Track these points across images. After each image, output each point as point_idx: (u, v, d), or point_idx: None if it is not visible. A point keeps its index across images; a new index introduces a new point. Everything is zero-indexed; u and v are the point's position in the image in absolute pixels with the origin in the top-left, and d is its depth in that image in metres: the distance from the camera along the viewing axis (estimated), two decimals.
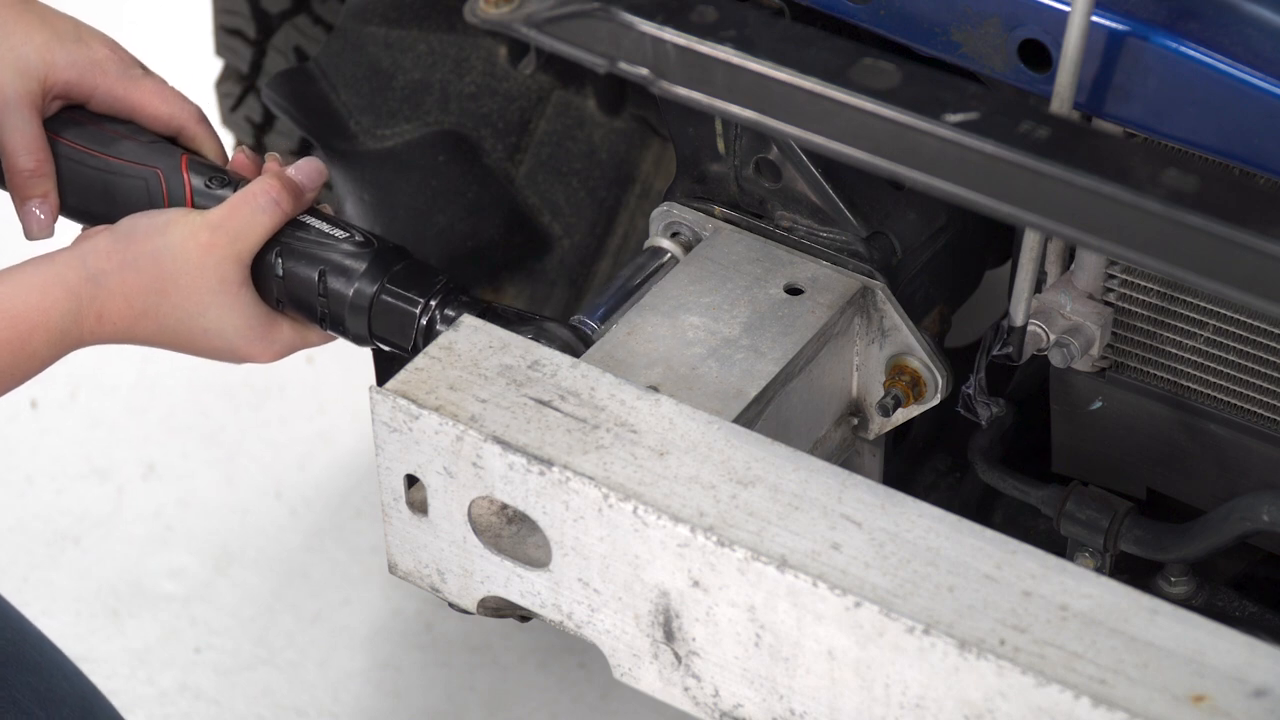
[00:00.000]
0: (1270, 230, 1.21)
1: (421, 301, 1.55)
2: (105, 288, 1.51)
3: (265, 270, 1.56)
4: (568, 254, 2.10)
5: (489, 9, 1.42)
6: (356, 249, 1.56)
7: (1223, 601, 1.70)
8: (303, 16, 2.30)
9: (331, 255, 1.56)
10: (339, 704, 2.39)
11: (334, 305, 1.57)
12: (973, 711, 1.30)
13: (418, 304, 1.55)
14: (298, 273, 1.56)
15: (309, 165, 1.58)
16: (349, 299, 1.56)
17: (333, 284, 1.56)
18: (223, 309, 1.53)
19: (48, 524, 2.59)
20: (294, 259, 1.56)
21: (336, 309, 1.57)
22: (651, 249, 1.69)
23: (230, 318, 1.54)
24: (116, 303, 1.51)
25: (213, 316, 1.53)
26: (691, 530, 1.36)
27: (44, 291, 1.49)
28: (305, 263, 1.56)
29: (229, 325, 1.54)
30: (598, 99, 2.09)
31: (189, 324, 1.54)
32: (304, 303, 1.57)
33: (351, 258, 1.56)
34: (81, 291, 1.50)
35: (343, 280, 1.56)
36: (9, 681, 1.61)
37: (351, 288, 1.56)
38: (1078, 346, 1.59)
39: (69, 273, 1.50)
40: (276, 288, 1.57)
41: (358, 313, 1.56)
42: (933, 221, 1.68)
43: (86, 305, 1.50)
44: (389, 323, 1.55)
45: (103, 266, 1.51)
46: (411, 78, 2.06)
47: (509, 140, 2.08)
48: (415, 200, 2.06)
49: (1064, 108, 1.40)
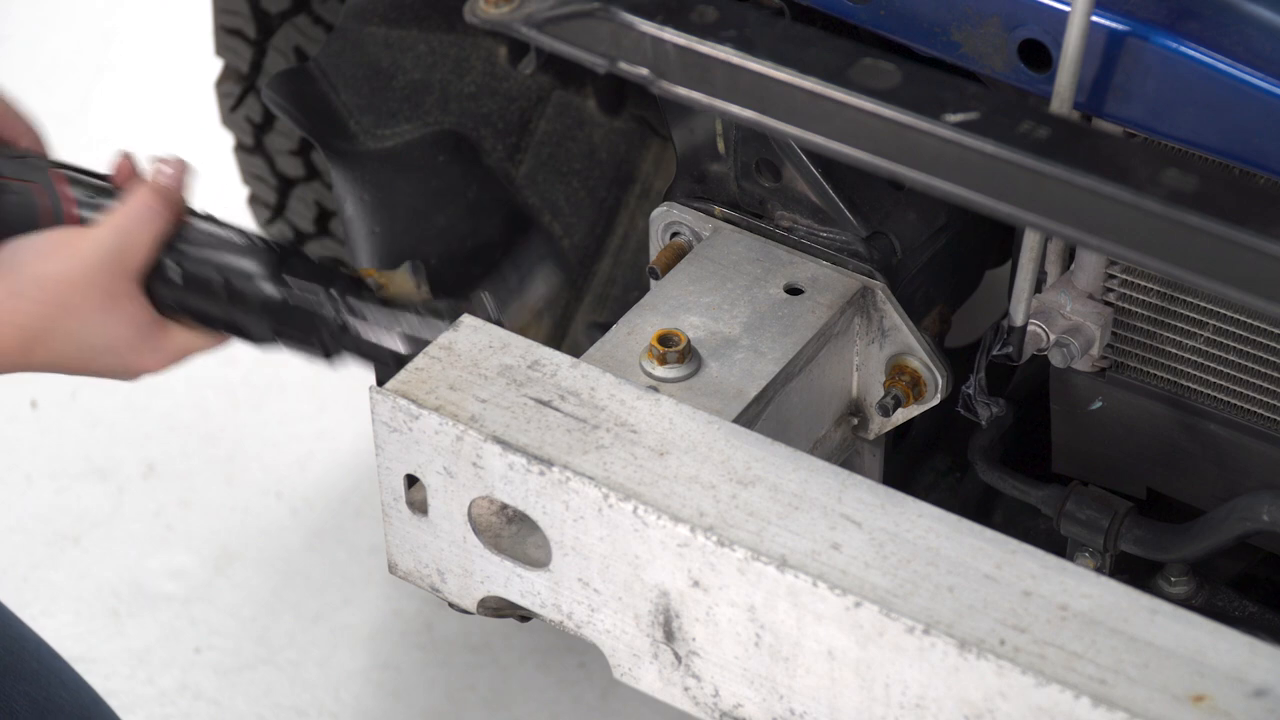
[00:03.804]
0: (1270, 230, 1.21)
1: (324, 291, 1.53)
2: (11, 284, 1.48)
3: (158, 278, 1.53)
4: (568, 254, 2.10)
5: (489, 9, 1.42)
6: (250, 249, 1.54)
7: (1223, 601, 1.70)
8: (303, 16, 2.30)
9: (227, 258, 1.54)
10: (339, 704, 2.39)
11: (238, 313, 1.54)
12: (973, 711, 1.30)
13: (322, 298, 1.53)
14: (197, 277, 1.54)
15: (175, 164, 1.55)
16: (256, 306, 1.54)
17: (234, 288, 1.53)
18: (112, 324, 1.51)
19: (48, 524, 2.59)
20: (191, 264, 1.53)
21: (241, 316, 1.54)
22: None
23: (120, 331, 1.52)
24: (7, 333, 1.48)
25: (104, 334, 1.51)
26: (691, 530, 1.36)
27: None
28: (205, 268, 1.53)
29: (120, 339, 1.52)
30: (598, 99, 2.09)
31: (82, 344, 1.51)
32: (202, 312, 1.55)
33: (247, 258, 1.54)
34: None
35: (246, 284, 1.53)
36: (5, 692, 1.60)
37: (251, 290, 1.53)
38: (1078, 346, 1.59)
39: None
40: (172, 295, 1.54)
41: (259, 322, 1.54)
42: (933, 221, 1.68)
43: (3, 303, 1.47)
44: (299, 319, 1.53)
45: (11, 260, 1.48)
46: (411, 78, 2.06)
47: (509, 140, 2.08)
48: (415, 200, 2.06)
49: (1064, 108, 1.40)
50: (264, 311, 1.54)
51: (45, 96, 3.16)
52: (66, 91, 3.19)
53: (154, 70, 3.26)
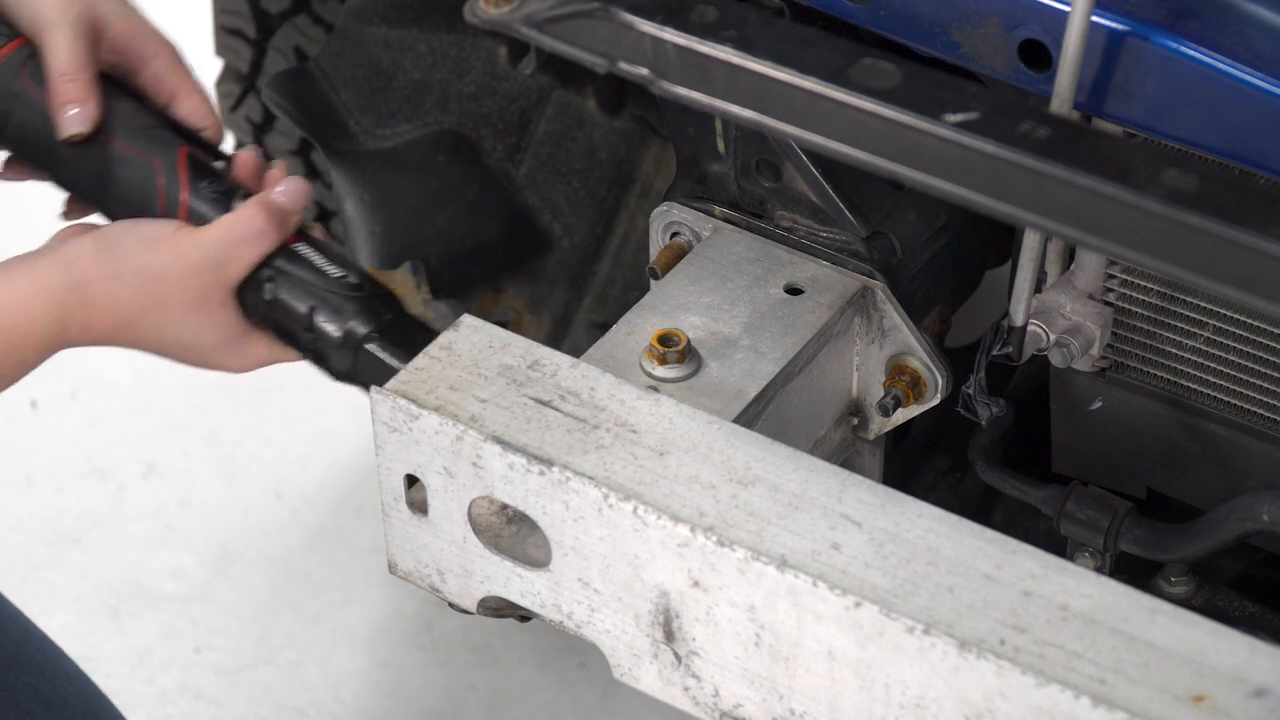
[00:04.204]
0: (1270, 230, 1.21)
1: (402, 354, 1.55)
2: (90, 297, 1.51)
3: (253, 290, 1.56)
4: (568, 254, 2.10)
5: (489, 9, 1.42)
6: (348, 291, 1.56)
7: (1223, 601, 1.70)
8: (303, 16, 2.30)
9: (323, 294, 1.55)
10: (339, 704, 2.40)
11: (320, 342, 1.56)
12: (973, 711, 1.30)
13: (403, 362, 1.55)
14: (287, 304, 1.55)
15: (294, 187, 1.57)
16: (337, 341, 1.55)
17: (321, 323, 1.55)
18: (203, 327, 1.54)
19: (48, 524, 2.59)
20: (286, 289, 1.55)
21: (322, 346, 1.56)
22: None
23: (209, 335, 1.55)
24: (101, 312, 1.51)
25: (192, 333, 1.54)
26: (691, 530, 1.36)
27: (30, 301, 1.49)
28: (296, 295, 1.55)
29: (206, 341, 1.55)
30: (598, 99, 2.09)
31: (169, 337, 1.54)
32: (288, 331, 1.57)
33: (343, 300, 1.55)
34: (67, 300, 1.50)
35: (333, 322, 1.55)
36: (12, 683, 1.61)
37: (341, 331, 1.55)
38: (1078, 346, 1.59)
39: (53, 280, 1.50)
40: (262, 310, 1.56)
41: (342, 356, 1.56)
42: (933, 221, 1.68)
43: (72, 314, 1.50)
44: (373, 374, 1.55)
45: (87, 275, 1.51)
46: (411, 78, 2.06)
47: (509, 140, 2.08)
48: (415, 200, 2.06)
49: (1064, 108, 1.40)
50: (343, 355, 1.56)
51: None
52: None
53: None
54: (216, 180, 1.59)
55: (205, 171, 1.59)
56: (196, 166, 1.59)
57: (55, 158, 1.61)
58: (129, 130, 1.60)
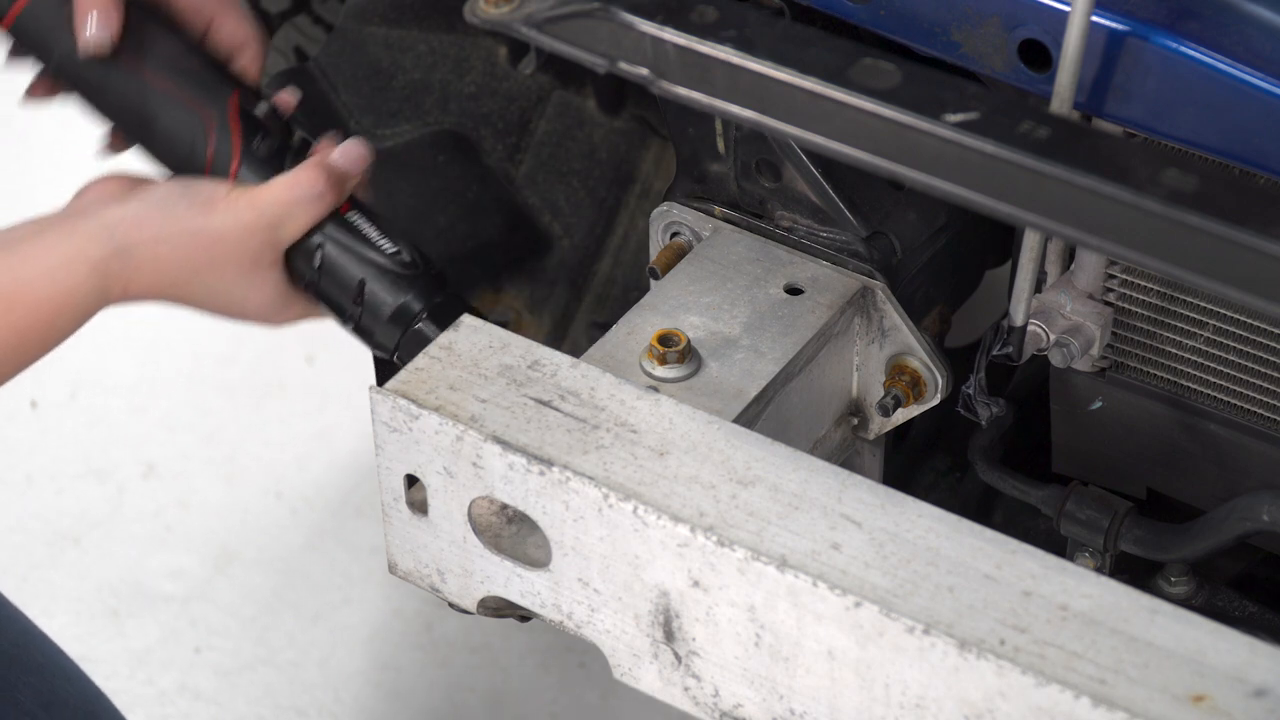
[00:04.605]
0: (1270, 230, 1.21)
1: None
2: (134, 260, 1.48)
3: (303, 254, 1.54)
4: (568, 254, 2.10)
5: (489, 9, 1.42)
6: (401, 268, 1.55)
7: (1223, 601, 1.70)
8: (303, 16, 2.30)
9: (376, 268, 1.55)
10: (339, 704, 2.39)
11: (367, 316, 1.55)
12: (973, 711, 1.30)
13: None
14: (337, 273, 1.54)
15: (353, 150, 1.56)
16: (386, 317, 1.55)
17: (371, 297, 1.55)
18: (250, 287, 1.53)
19: (48, 524, 2.59)
20: (337, 258, 1.54)
21: (368, 321, 1.56)
22: None
23: (254, 295, 1.54)
24: (145, 275, 1.49)
25: (239, 293, 1.53)
26: (691, 530, 1.36)
27: (69, 270, 1.46)
28: (347, 265, 1.54)
29: (251, 301, 1.54)
30: (598, 99, 2.09)
31: (214, 297, 1.53)
32: (333, 299, 1.56)
33: (395, 276, 1.55)
34: (109, 267, 1.47)
35: (383, 298, 1.54)
36: (11, 683, 1.61)
37: (391, 308, 1.54)
38: (1078, 346, 1.59)
39: (94, 248, 1.47)
40: (309, 274, 1.55)
41: (390, 332, 1.55)
42: (933, 221, 1.68)
43: (114, 279, 1.48)
44: (417, 354, 1.54)
45: (133, 239, 1.48)
46: (411, 78, 2.06)
47: (509, 140, 2.08)
48: (415, 200, 2.06)
49: (1064, 108, 1.40)
50: (389, 331, 1.55)
51: None
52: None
53: None
54: (267, 136, 1.56)
55: (255, 125, 1.57)
56: (247, 120, 1.57)
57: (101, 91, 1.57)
58: (177, 73, 1.57)
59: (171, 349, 2.78)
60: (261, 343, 2.77)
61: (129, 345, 2.77)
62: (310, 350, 2.77)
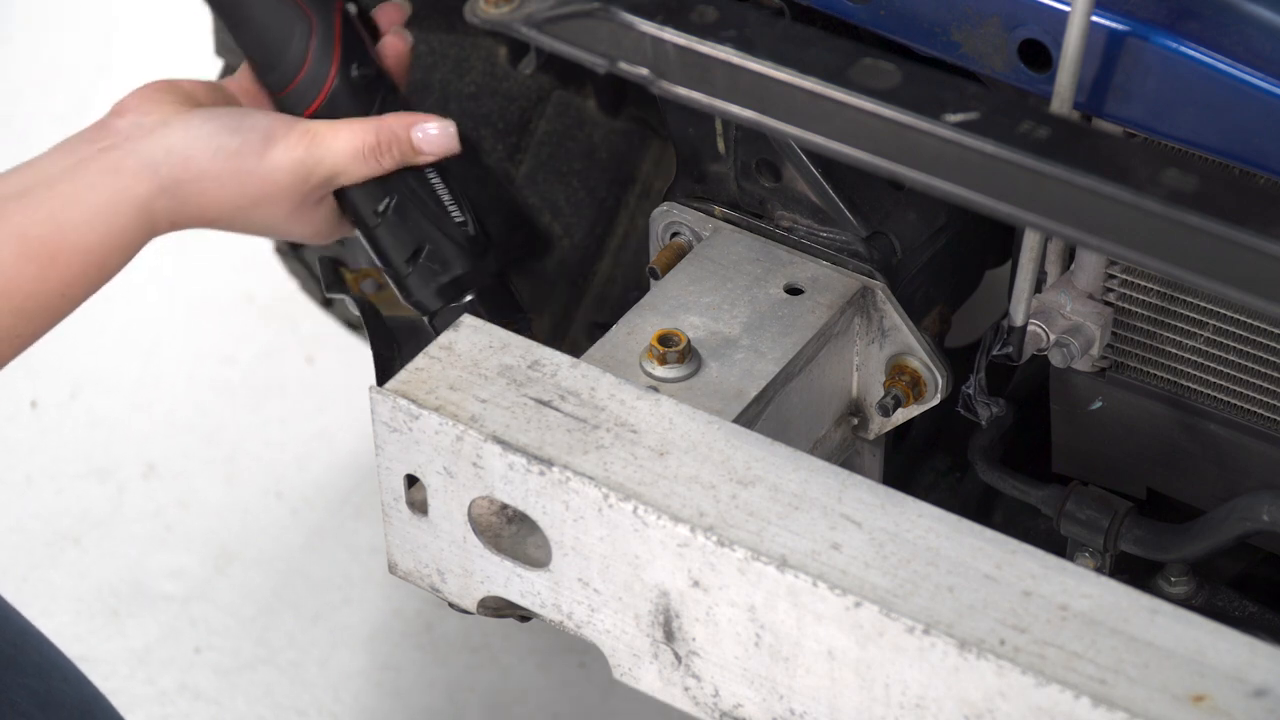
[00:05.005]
0: (1270, 230, 1.21)
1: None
2: (181, 197, 1.46)
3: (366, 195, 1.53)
4: (568, 254, 2.11)
5: (489, 9, 1.42)
6: (465, 241, 1.54)
7: (1223, 601, 1.70)
8: None
9: (440, 235, 1.54)
10: (339, 704, 2.39)
11: (416, 277, 1.55)
12: (973, 711, 1.30)
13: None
14: (399, 228, 1.54)
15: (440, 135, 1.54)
16: (436, 287, 1.55)
17: (427, 260, 1.54)
18: (297, 222, 1.53)
19: (48, 524, 2.59)
20: (403, 214, 1.53)
21: (415, 282, 1.55)
22: None
23: (302, 227, 1.54)
24: (191, 209, 1.48)
25: (285, 226, 1.53)
26: (691, 530, 1.36)
27: (115, 212, 1.43)
28: (412, 224, 1.54)
29: (297, 230, 1.55)
30: (598, 99, 2.09)
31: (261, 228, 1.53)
32: (383, 249, 1.55)
33: (457, 247, 1.54)
34: (155, 206, 1.45)
35: (439, 266, 1.54)
36: (8, 685, 1.60)
37: (445, 278, 1.54)
38: (1078, 346, 1.59)
39: (139, 185, 1.45)
40: (369, 218, 1.54)
41: (434, 299, 1.55)
42: (933, 221, 1.68)
43: (160, 215, 1.46)
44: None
45: (179, 176, 1.46)
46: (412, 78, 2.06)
47: (509, 140, 2.08)
48: None
49: (1064, 108, 1.40)
50: (437, 296, 1.55)
51: (45, 97, 3.16)
52: (66, 91, 3.19)
53: (154, 70, 3.23)
54: (364, 64, 1.53)
55: (356, 47, 1.54)
56: (350, 38, 1.53)
57: None
58: None
59: (171, 349, 2.78)
60: (261, 343, 2.77)
61: (129, 345, 2.77)
62: (310, 350, 2.77)
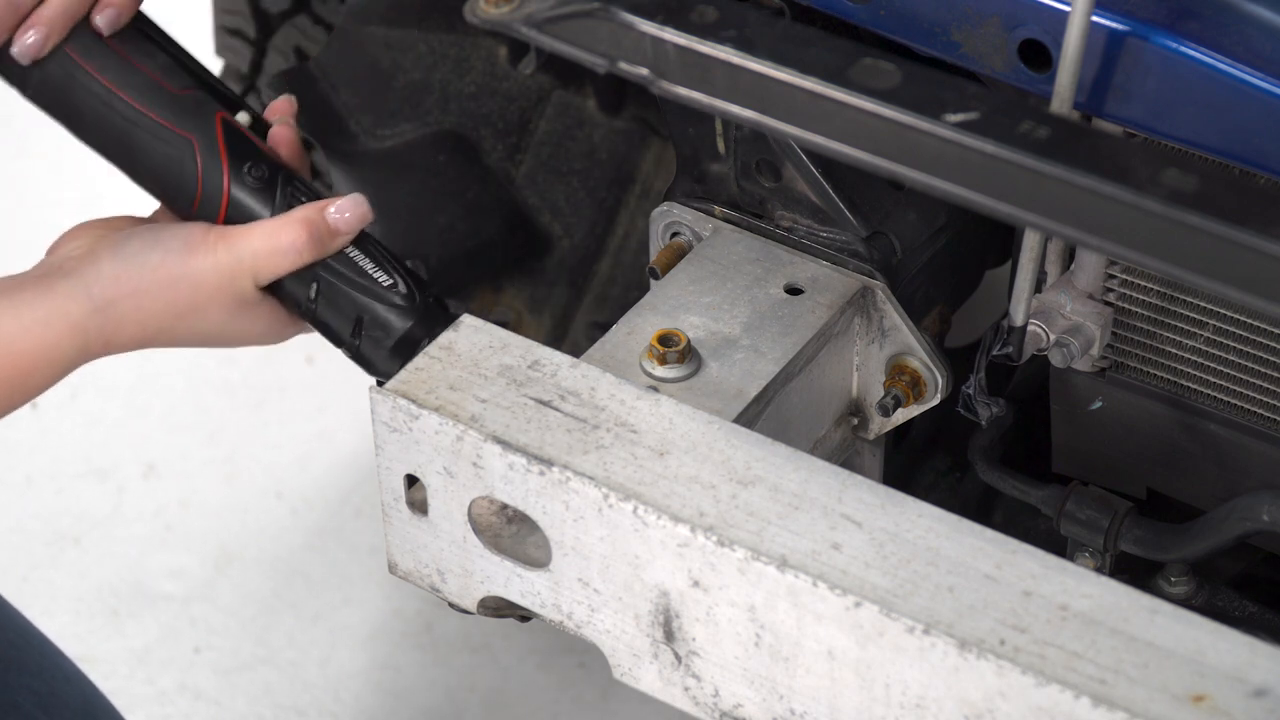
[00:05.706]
0: (1270, 230, 1.21)
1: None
2: (115, 316, 1.48)
3: (299, 284, 1.52)
4: (568, 254, 2.11)
5: (489, 9, 1.42)
6: (400, 300, 1.52)
7: (1223, 601, 1.70)
8: (303, 16, 2.30)
9: (373, 304, 1.52)
10: (339, 704, 2.39)
11: (365, 348, 1.53)
12: (973, 711, 1.30)
13: None
14: (333, 307, 1.52)
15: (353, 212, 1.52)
16: (384, 352, 1.52)
17: (370, 328, 1.52)
18: (240, 322, 1.52)
19: (48, 524, 2.59)
20: (332, 294, 1.52)
21: (367, 352, 1.53)
22: None
23: (247, 327, 1.53)
24: (128, 328, 1.49)
25: (230, 329, 1.53)
26: (691, 530, 1.36)
27: (47, 327, 1.45)
28: (344, 302, 1.52)
29: (245, 333, 1.54)
30: (598, 99, 2.09)
31: (206, 336, 1.53)
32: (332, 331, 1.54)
33: (393, 310, 1.52)
34: (88, 325, 1.47)
35: (382, 329, 1.52)
36: (10, 685, 1.60)
37: (389, 342, 1.52)
38: (1078, 346, 1.59)
39: (72, 306, 1.46)
40: (306, 305, 1.53)
41: (391, 364, 1.52)
42: (933, 221, 1.68)
43: (94, 336, 1.47)
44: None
45: (111, 295, 1.47)
46: (411, 78, 2.06)
47: (509, 140, 2.08)
48: (415, 200, 2.06)
49: (1064, 108, 1.40)
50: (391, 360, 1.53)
51: None
52: None
53: None
54: (257, 162, 1.53)
55: (244, 150, 1.53)
56: (235, 142, 1.53)
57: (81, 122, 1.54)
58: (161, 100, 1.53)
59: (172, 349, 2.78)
60: None
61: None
62: (310, 350, 2.77)
